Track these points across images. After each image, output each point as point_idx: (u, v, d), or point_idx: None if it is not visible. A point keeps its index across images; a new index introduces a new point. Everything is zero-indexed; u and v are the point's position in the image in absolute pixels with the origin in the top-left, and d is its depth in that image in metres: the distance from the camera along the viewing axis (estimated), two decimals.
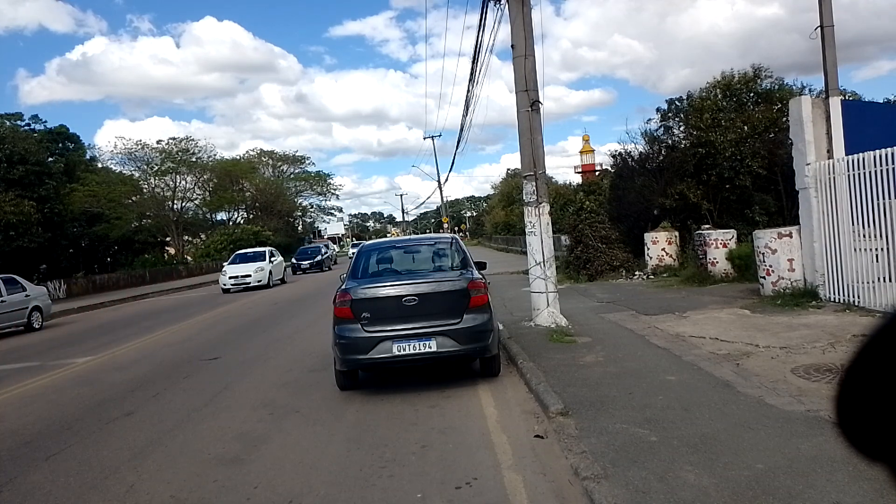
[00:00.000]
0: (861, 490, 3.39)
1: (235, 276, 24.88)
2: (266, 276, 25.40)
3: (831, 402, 0.72)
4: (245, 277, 24.78)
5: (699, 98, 18.60)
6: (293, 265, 36.64)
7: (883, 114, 11.67)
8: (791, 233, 10.41)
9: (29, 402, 7.90)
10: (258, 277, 25.00)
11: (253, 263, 25.68)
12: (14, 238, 28.86)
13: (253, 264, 25.63)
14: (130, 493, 4.56)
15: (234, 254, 28.69)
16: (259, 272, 25.19)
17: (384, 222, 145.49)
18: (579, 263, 17.53)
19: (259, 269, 25.38)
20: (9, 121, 38.13)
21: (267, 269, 25.69)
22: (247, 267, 25.41)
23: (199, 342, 11.98)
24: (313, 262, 37.46)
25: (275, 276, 26.64)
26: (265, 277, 25.28)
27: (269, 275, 25.70)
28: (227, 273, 25.19)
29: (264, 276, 25.29)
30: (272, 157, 70.09)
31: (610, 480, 3.85)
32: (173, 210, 50.36)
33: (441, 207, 58.23)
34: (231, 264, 26.29)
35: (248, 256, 26.90)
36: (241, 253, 28.18)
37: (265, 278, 25.26)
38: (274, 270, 26.64)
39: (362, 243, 12.16)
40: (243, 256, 27.05)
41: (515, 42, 9.74)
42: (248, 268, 25.30)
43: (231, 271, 25.34)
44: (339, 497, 4.18)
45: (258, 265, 25.62)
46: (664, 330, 8.54)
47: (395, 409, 6.17)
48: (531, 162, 9.81)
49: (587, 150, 58.02)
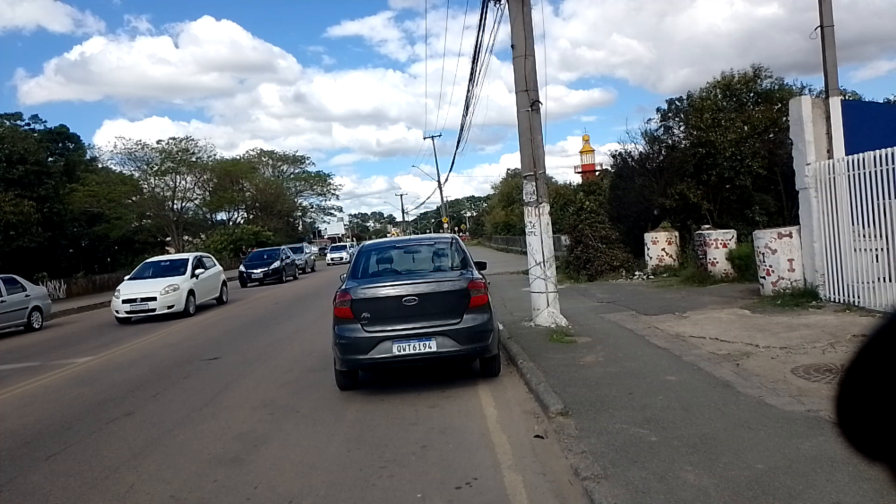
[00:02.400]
0: (861, 490, 3.39)
1: (133, 298, 16.18)
2: (181, 298, 16.59)
3: (831, 402, 0.72)
4: (147, 301, 16.11)
5: (699, 98, 18.62)
6: (241, 275, 27.96)
7: (883, 114, 11.66)
8: (791, 233, 10.41)
9: (29, 402, 7.90)
10: (168, 301, 16.27)
11: (162, 280, 16.96)
12: (14, 238, 28.85)
13: (162, 281, 16.87)
14: (130, 493, 4.56)
15: (143, 262, 19.61)
16: (169, 293, 16.40)
17: (384, 222, 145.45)
18: (579, 263, 17.53)
19: (170, 287, 16.54)
20: (8, 121, 38.14)
21: (184, 289, 16.83)
22: (152, 285, 16.64)
23: (199, 342, 11.98)
24: (269, 271, 27.96)
25: (202, 296, 17.95)
26: (180, 300, 16.52)
27: (189, 296, 16.92)
28: (122, 294, 16.43)
29: (178, 299, 16.50)
30: (272, 157, 70.13)
31: (610, 480, 3.85)
32: (173, 210, 50.32)
33: (441, 207, 58.24)
34: (132, 279, 17.61)
35: (160, 267, 18.28)
36: (152, 262, 19.13)
37: (180, 301, 16.51)
38: (199, 288, 17.75)
39: (345, 245, 11.87)
40: (155, 267, 18.33)
41: (515, 42, 9.74)
42: (155, 286, 16.53)
43: (128, 291, 16.52)
44: (339, 497, 4.18)
45: (169, 282, 16.76)
46: (664, 330, 8.54)
47: (395, 409, 6.17)
48: (531, 162, 9.81)
49: (587, 150, 58.05)
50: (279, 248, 31.76)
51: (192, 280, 17.41)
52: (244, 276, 27.72)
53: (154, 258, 20.46)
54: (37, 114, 68.10)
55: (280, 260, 29.02)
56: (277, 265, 28.45)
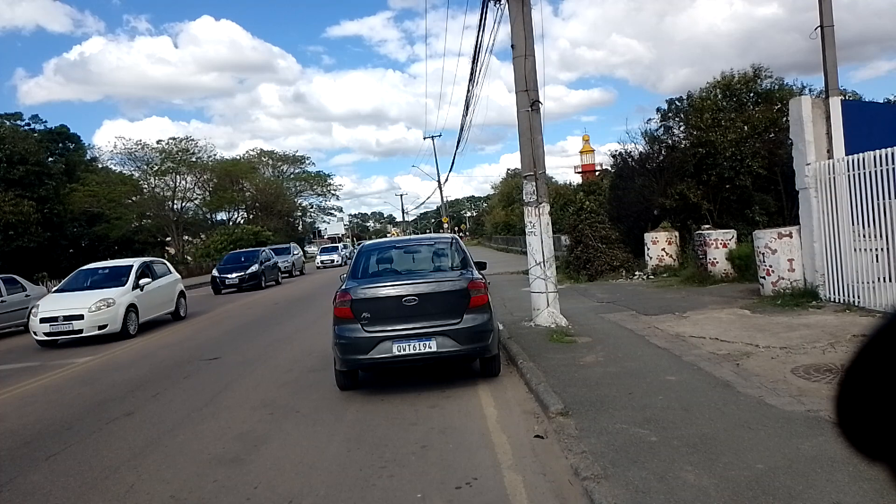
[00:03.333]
0: (861, 490, 3.39)
1: (53, 317, 12.71)
2: (117, 315, 12.93)
3: (831, 402, 0.72)
4: (71, 321, 12.58)
5: (699, 98, 18.62)
6: (214, 280, 25.10)
7: (883, 114, 11.66)
8: (791, 233, 10.41)
9: (29, 402, 7.90)
10: (99, 320, 12.68)
11: (95, 293, 13.32)
12: (14, 238, 28.88)
13: (94, 294, 13.22)
14: (130, 493, 4.56)
15: (77, 270, 15.46)
16: (101, 309, 12.78)
17: (384, 222, 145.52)
18: (579, 263, 17.54)
19: (103, 302, 12.88)
20: (9, 121, 38.19)
21: (121, 303, 13.15)
22: (81, 299, 13.02)
23: (199, 342, 11.98)
24: (245, 276, 24.80)
25: (149, 312, 14.37)
26: (114, 318, 12.88)
27: (129, 312, 13.30)
28: (41, 311, 12.95)
29: (113, 317, 12.88)
30: (272, 157, 70.20)
31: (610, 480, 3.85)
32: (173, 210, 50.39)
33: (441, 207, 58.23)
34: (59, 291, 14.34)
35: (97, 276, 14.59)
36: (88, 269, 15.25)
37: (115, 320, 12.88)
38: (144, 302, 14.06)
39: (336, 247, 11.35)
40: (92, 276, 14.69)
41: (515, 42, 9.74)
42: (83, 301, 12.90)
43: (49, 308, 13.02)
44: (339, 497, 4.18)
45: (103, 296, 13.07)
46: (664, 330, 8.54)
47: (395, 409, 6.17)
48: (531, 162, 9.81)
49: (587, 150, 58.09)
50: (258, 250, 28.08)
51: (133, 293, 13.82)
52: (217, 281, 24.88)
53: (91, 265, 16.03)
54: (37, 114, 68.27)
55: (259, 263, 25.86)
56: (255, 269, 25.35)
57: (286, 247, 36.13)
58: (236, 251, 30.25)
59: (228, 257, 27.77)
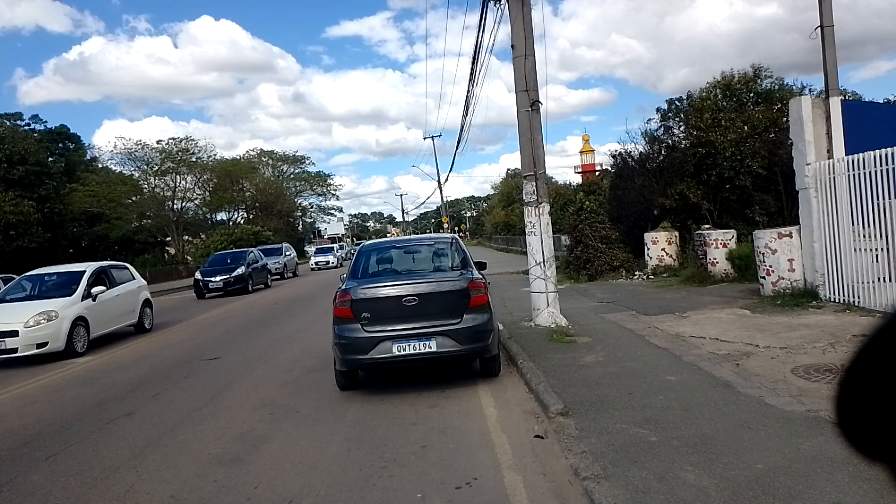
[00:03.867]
0: (861, 490, 3.39)
1: None
2: (60, 331, 10.93)
3: (831, 402, 0.72)
4: (3, 338, 10.56)
5: (699, 98, 18.62)
6: (197, 284, 23.69)
7: (883, 114, 11.66)
8: (791, 233, 10.41)
9: (29, 402, 7.90)
10: (38, 336, 10.72)
11: (36, 304, 11.50)
12: (14, 238, 28.88)
13: (34, 306, 11.38)
14: (130, 493, 4.56)
15: (21, 276, 13.56)
16: (41, 324, 10.79)
17: (384, 222, 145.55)
18: (579, 263, 17.54)
19: (43, 316, 10.91)
20: (9, 121, 38.20)
21: (66, 317, 11.14)
22: (17, 312, 11.13)
23: (199, 342, 11.98)
24: (231, 279, 23.12)
25: (104, 324, 12.33)
26: (57, 334, 10.89)
27: (76, 327, 11.29)
28: None
29: (55, 333, 10.88)
30: (272, 157, 70.29)
31: (610, 480, 3.85)
32: (173, 210, 50.41)
33: (441, 207, 58.23)
34: None
35: (43, 283, 12.57)
36: (33, 275, 13.05)
37: (57, 336, 10.88)
38: (97, 313, 12.03)
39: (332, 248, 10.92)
40: (37, 283, 12.67)
41: (515, 42, 9.74)
42: (20, 313, 11.01)
43: None
44: (339, 497, 4.18)
45: (43, 308, 11.16)
46: (664, 330, 8.54)
47: (395, 409, 6.17)
48: (531, 162, 9.81)
49: (587, 150, 58.12)
50: (246, 251, 26.27)
51: (83, 303, 11.75)
52: (200, 284, 23.40)
53: (37, 270, 13.57)
54: (37, 114, 68.28)
55: (246, 265, 24.09)
56: (241, 272, 23.61)
57: (278, 247, 34.46)
58: (222, 252, 28.60)
59: (213, 259, 26.12)
